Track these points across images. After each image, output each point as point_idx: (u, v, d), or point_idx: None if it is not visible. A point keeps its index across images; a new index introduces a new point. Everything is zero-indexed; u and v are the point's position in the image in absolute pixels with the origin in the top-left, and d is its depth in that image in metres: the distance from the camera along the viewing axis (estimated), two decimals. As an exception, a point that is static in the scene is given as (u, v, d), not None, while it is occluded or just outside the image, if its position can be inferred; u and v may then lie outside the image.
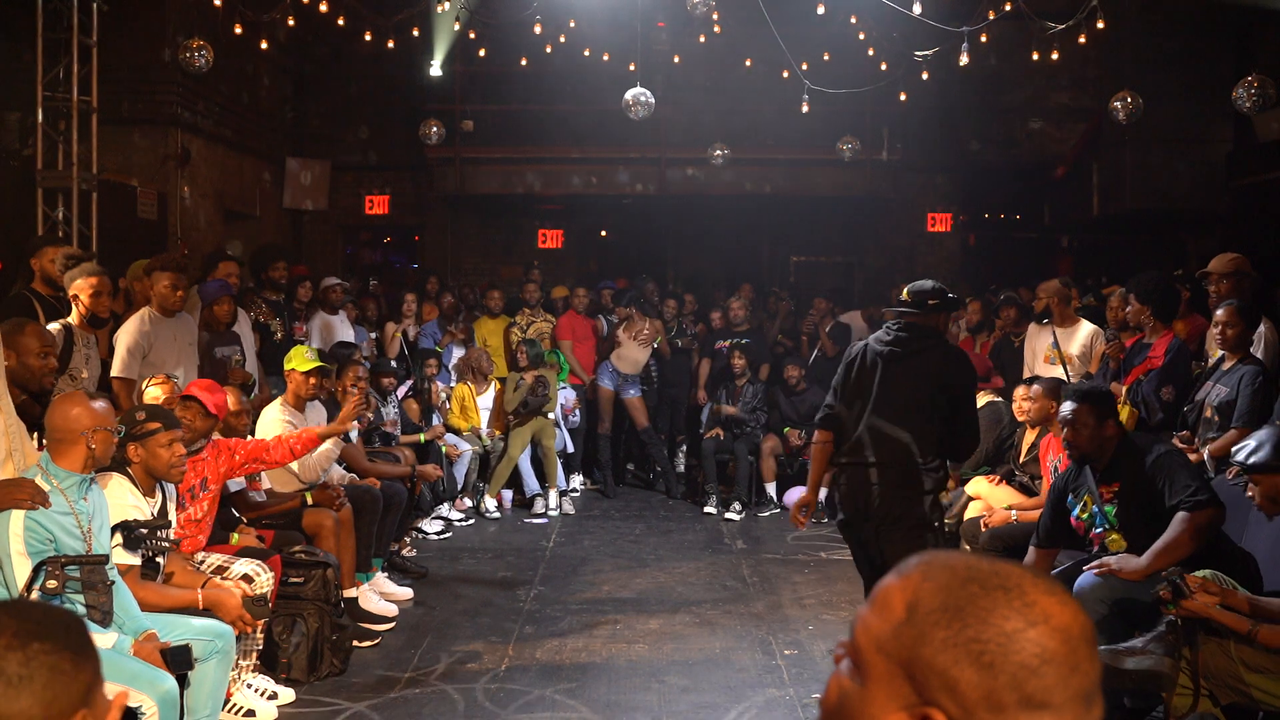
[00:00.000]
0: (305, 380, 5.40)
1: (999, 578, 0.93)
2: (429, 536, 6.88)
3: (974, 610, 0.91)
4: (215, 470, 4.30)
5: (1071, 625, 0.91)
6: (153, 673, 3.10)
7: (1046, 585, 0.93)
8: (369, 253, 13.59)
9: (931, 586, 0.93)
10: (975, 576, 0.93)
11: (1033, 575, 0.94)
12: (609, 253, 13.53)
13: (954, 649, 0.90)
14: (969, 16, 7.22)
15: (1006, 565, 0.95)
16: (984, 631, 0.90)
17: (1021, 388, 5.81)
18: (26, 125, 7.61)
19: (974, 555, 0.98)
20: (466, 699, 4.23)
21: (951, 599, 0.92)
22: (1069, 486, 4.09)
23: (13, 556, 3.06)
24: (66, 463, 3.23)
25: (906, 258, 12.41)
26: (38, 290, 5.08)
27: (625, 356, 8.31)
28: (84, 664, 1.22)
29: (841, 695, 0.99)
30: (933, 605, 0.92)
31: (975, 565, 0.95)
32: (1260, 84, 6.47)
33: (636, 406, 8.34)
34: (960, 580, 0.93)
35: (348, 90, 11.93)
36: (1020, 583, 0.93)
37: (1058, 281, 6.20)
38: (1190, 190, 10.22)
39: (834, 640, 4.93)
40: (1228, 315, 4.58)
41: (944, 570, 0.95)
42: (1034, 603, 0.91)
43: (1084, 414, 3.91)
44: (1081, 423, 3.90)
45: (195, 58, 7.05)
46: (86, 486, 3.30)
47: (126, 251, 6.86)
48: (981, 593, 0.92)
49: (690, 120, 11.16)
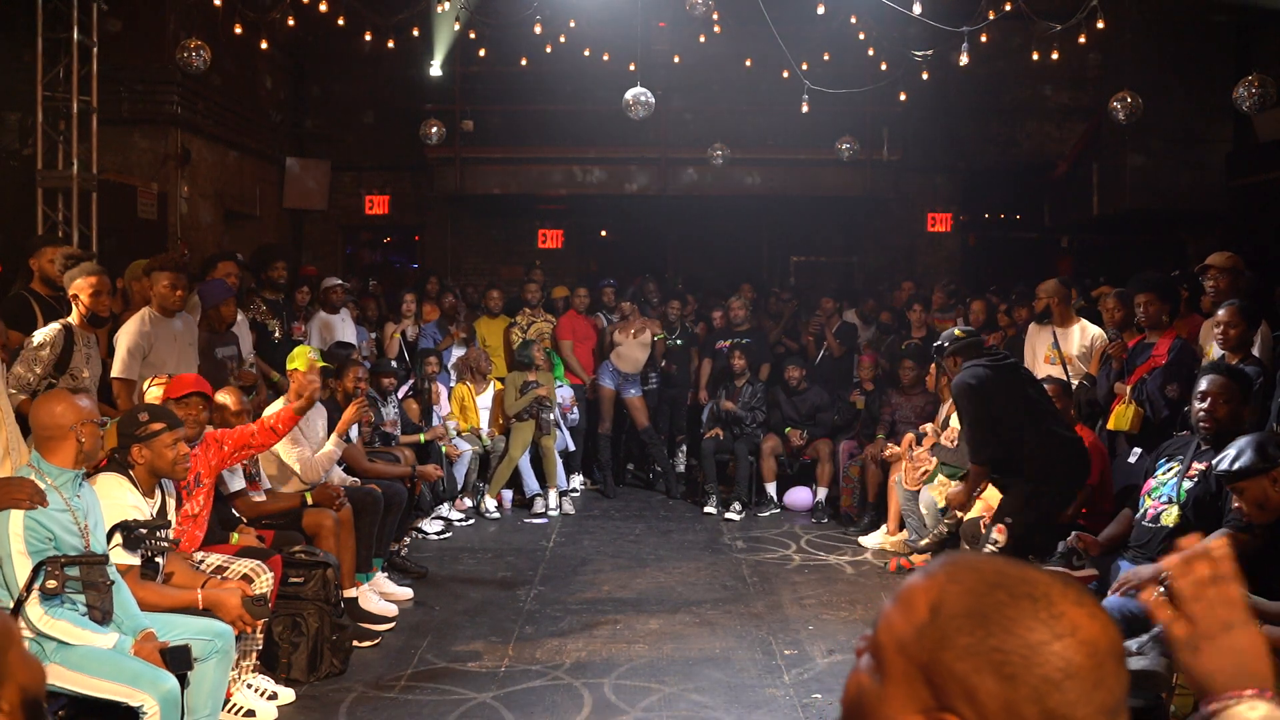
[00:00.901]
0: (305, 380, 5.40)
1: (1027, 585, 0.90)
2: (429, 536, 6.88)
3: (999, 618, 0.88)
4: (207, 464, 4.30)
5: (1099, 639, 0.88)
6: (154, 673, 3.10)
7: (1076, 595, 0.90)
8: (369, 253, 13.58)
9: (957, 590, 0.91)
10: (1003, 582, 0.90)
11: (1062, 584, 0.91)
12: (609, 253, 13.52)
13: (975, 657, 0.88)
14: (969, 17, 7.22)
15: (1036, 572, 0.92)
16: (1007, 641, 0.87)
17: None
18: (26, 125, 7.61)
19: (1003, 559, 0.95)
20: (466, 699, 4.23)
21: (977, 604, 0.89)
22: (1170, 450, 4.12)
23: (13, 556, 3.06)
24: (58, 459, 3.24)
25: (906, 258, 12.40)
26: (37, 290, 5.08)
27: (624, 356, 8.32)
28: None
29: (860, 692, 0.96)
30: (957, 609, 0.90)
31: (1004, 570, 0.92)
32: (1260, 84, 6.47)
33: (637, 406, 8.34)
34: (987, 585, 0.90)
35: (348, 90, 11.93)
36: (1049, 592, 0.90)
37: (1056, 281, 6.20)
38: (1190, 190, 10.21)
39: (834, 640, 4.94)
40: (1230, 315, 4.57)
41: (971, 573, 0.92)
42: (1062, 614, 0.88)
43: (1230, 391, 3.86)
44: (1225, 398, 3.85)
45: (194, 58, 7.04)
46: (79, 483, 3.31)
47: (126, 251, 6.86)
48: (1008, 600, 0.89)
49: (690, 120, 11.16)
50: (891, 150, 11.03)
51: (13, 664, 1.16)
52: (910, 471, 6.47)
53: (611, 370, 8.34)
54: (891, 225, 12.42)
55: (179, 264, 5.31)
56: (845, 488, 7.50)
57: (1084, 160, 11.34)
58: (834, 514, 7.58)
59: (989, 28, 7.29)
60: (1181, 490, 3.93)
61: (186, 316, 5.33)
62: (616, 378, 8.34)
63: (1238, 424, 3.82)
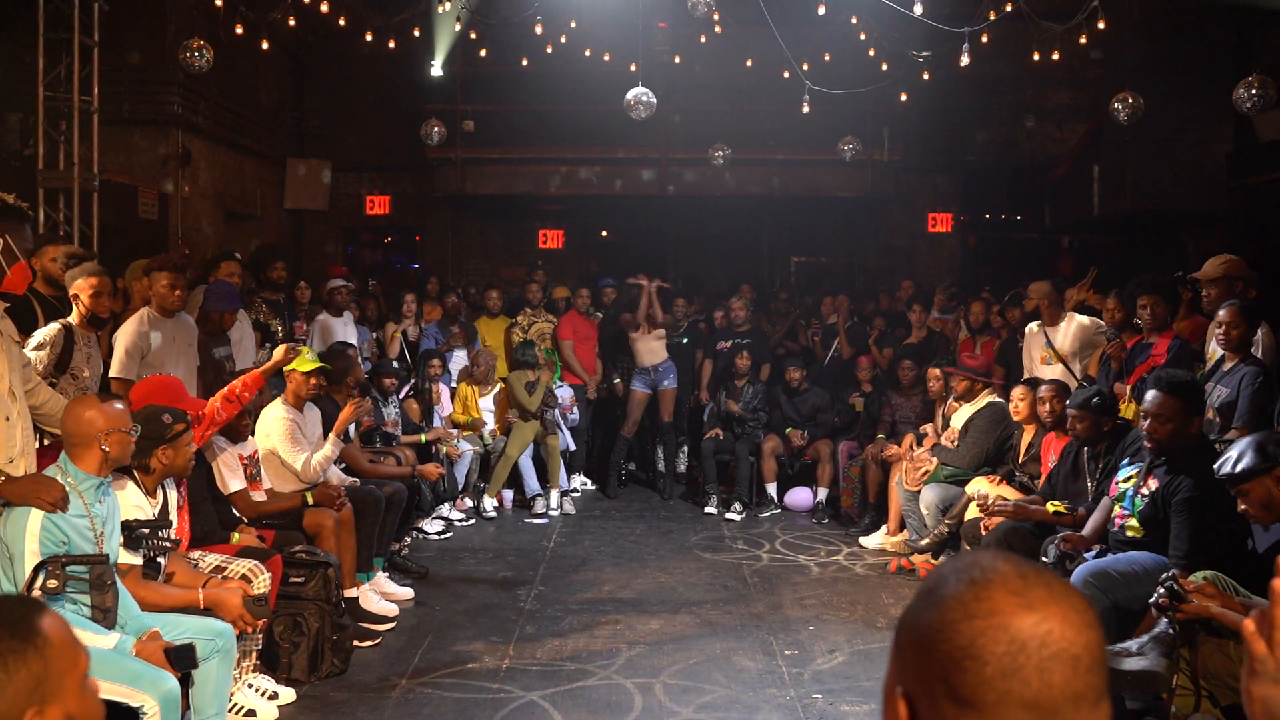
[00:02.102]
0: (306, 381, 5.41)
1: (978, 570, 0.91)
2: (429, 536, 6.88)
3: (934, 595, 0.91)
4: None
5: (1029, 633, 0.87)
6: (154, 673, 3.10)
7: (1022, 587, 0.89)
8: (369, 253, 13.59)
9: (933, 573, 0.95)
10: (963, 566, 0.93)
11: (1024, 577, 0.90)
12: (609, 253, 13.52)
13: (910, 630, 0.91)
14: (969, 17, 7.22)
15: (1012, 564, 0.92)
16: (926, 615, 0.90)
17: (1019, 388, 5.82)
18: (27, 125, 7.62)
19: (1001, 553, 0.96)
20: (467, 699, 4.23)
21: (931, 583, 0.93)
22: (1132, 449, 4.08)
23: (25, 555, 3.07)
24: (84, 465, 3.25)
25: (906, 258, 12.41)
26: (39, 290, 5.08)
27: (643, 351, 8.29)
28: (25, 658, 1.11)
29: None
30: (921, 589, 0.94)
31: (979, 560, 0.93)
32: (1260, 84, 6.47)
33: (669, 398, 8.32)
34: (950, 568, 0.94)
35: (348, 91, 11.93)
36: (993, 578, 0.90)
37: (1048, 283, 6.22)
38: (1190, 190, 10.20)
39: (834, 640, 4.95)
40: (1231, 315, 4.56)
41: (956, 559, 0.96)
42: (986, 598, 0.88)
43: (1171, 407, 3.73)
44: (1166, 416, 3.75)
45: (196, 58, 7.05)
46: (103, 490, 3.31)
47: (127, 252, 6.86)
48: (949, 579, 0.92)
49: (691, 120, 11.16)
50: (892, 150, 11.04)
51: (68, 689, 1.13)
52: (911, 472, 6.47)
53: (640, 371, 8.32)
54: (892, 226, 12.43)
55: (178, 264, 5.31)
56: (846, 488, 7.50)
57: (1084, 160, 11.34)
58: (834, 514, 7.58)
59: (990, 28, 7.29)
60: (1137, 509, 3.94)
61: (186, 316, 5.33)
62: (648, 376, 8.32)
63: (1182, 440, 3.77)
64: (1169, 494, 3.77)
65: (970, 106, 11.73)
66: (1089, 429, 4.74)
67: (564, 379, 8.39)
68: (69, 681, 1.13)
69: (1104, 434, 4.75)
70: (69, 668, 1.14)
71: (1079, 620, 0.90)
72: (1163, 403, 3.77)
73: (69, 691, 1.13)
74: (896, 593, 5.80)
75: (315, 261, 11.63)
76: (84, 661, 1.17)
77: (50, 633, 1.15)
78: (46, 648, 1.14)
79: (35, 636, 1.13)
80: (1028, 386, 5.75)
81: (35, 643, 1.13)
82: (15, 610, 1.15)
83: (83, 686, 1.16)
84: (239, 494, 4.83)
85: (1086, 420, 4.73)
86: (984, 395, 6.41)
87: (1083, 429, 4.75)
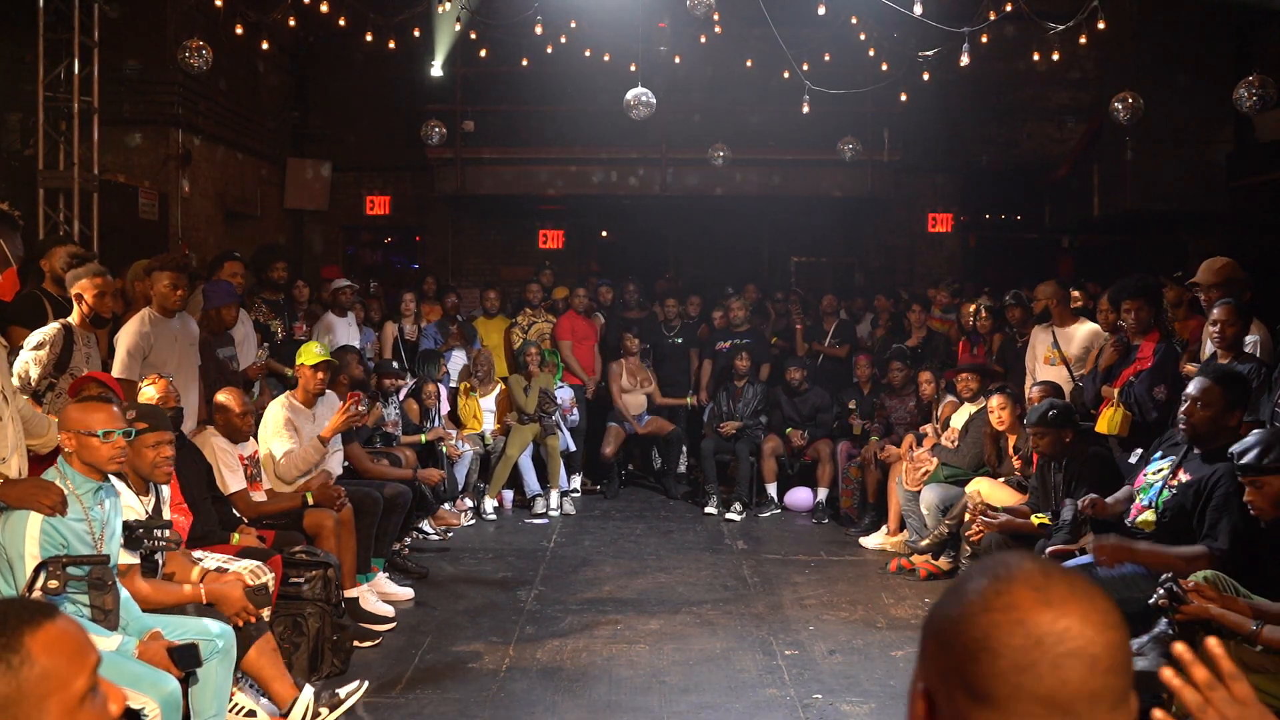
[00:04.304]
0: (313, 374, 5.42)
1: (1002, 567, 0.92)
2: (430, 536, 6.88)
3: (957, 590, 0.92)
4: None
5: (1047, 630, 0.86)
6: (155, 674, 3.10)
7: (1045, 584, 0.89)
8: (370, 253, 13.60)
9: (966, 569, 0.98)
10: (990, 564, 0.93)
11: (1043, 571, 0.90)
12: (609, 253, 13.52)
13: (932, 623, 0.92)
14: (970, 17, 7.22)
15: (1035, 562, 0.92)
16: (947, 608, 0.91)
17: (996, 397, 5.82)
18: (28, 126, 7.62)
19: (1027, 553, 0.97)
20: (467, 699, 4.23)
21: (957, 581, 0.94)
22: (1167, 445, 4.05)
23: (25, 559, 3.07)
24: (82, 468, 3.24)
25: (907, 258, 12.41)
26: (48, 290, 5.10)
27: (629, 404, 8.35)
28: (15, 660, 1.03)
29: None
30: (950, 584, 0.96)
31: (1005, 558, 0.94)
32: (1260, 84, 6.47)
33: (656, 424, 8.36)
34: (978, 566, 0.94)
35: (348, 91, 11.93)
36: (1015, 574, 0.90)
37: (1054, 283, 6.21)
38: (1190, 191, 10.21)
39: (835, 640, 4.95)
40: (1226, 314, 4.57)
41: (985, 559, 0.97)
42: (1005, 593, 0.88)
43: (1213, 395, 3.74)
44: (1206, 401, 3.74)
45: (195, 58, 7.05)
46: (102, 493, 3.30)
47: (128, 252, 6.87)
48: (974, 575, 0.92)
49: (691, 121, 11.16)
50: (892, 151, 11.04)
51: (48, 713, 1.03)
52: (910, 472, 6.47)
53: (624, 420, 8.32)
54: (892, 226, 12.43)
55: (179, 264, 5.32)
56: (845, 488, 7.50)
57: (1085, 161, 11.35)
58: (834, 514, 7.58)
59: (990, 28, 7.29)
60: (1160, 500, 3.92)
61: (187, 317, 5.33)
62: (631, 426, 8.34)
63: (1218, 428, 3.75)
64: (1208, 486, 3.72)
65: (970, 107, 11.74)
66: (1051, 444, 4.76)
67: (564, 379, 8.39)
68: (51, 706, 1.03)
69: (1067, 446, 4.75)
70: (52, 690, 1.04)
71: (1100, 620, 0.88)
72: (1207, 389, 3.77)
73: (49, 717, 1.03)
74: (896, 593, 5.80)
75: (315, 262, 11.63)
76: (79, 684, 1.07)
77: (36, 651, 1.05)
78: (24, 666, 1.04)
79: (12, 655, 1.04)
80: (1005, 395, 5.78)
81: (11, 661, 1.04)
82: (8, 620, 1.06)
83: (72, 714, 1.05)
84: (239, 494, 4.83)
85: (1047, 436, 4.74)
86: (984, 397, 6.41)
87: (1045, 444, 4.77)
